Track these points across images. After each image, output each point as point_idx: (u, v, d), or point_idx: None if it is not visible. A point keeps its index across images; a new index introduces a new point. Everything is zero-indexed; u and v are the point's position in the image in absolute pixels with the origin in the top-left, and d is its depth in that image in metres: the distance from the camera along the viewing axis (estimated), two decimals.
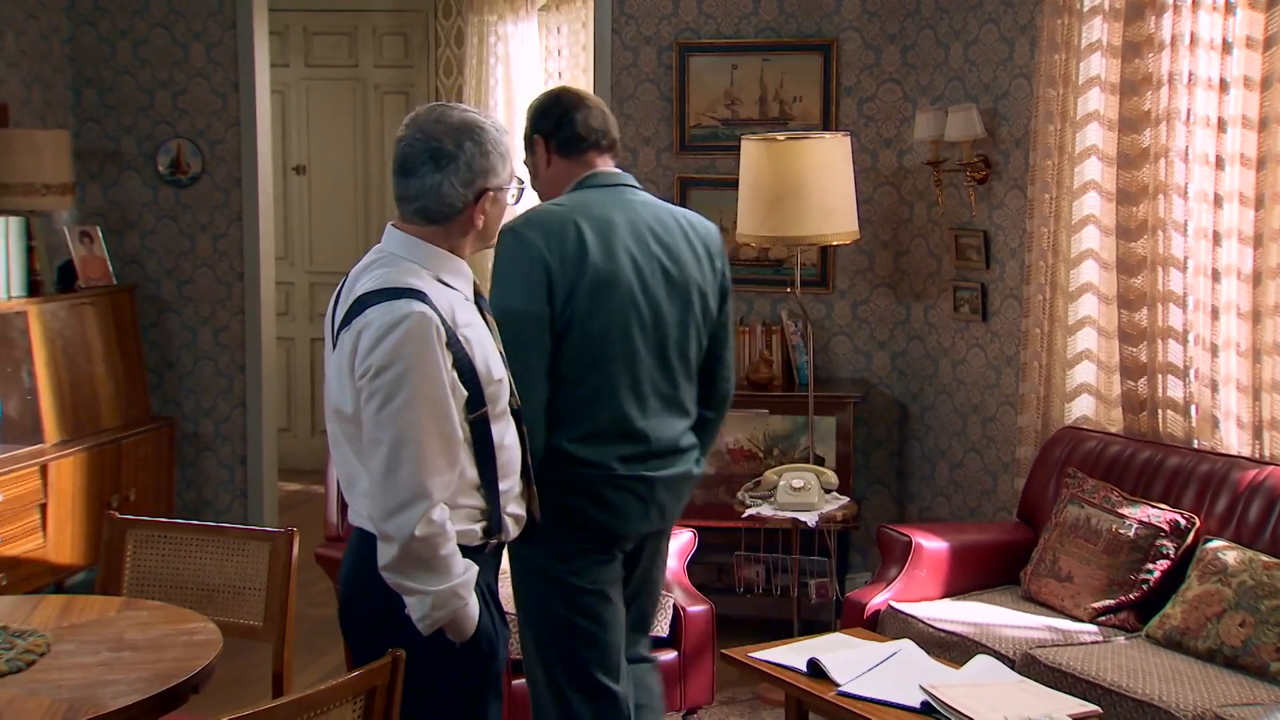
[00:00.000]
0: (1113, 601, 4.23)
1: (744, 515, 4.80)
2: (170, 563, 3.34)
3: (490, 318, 2.73)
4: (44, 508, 4.99)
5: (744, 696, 4.85)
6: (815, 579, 5.20)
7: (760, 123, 5.59)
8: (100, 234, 5.72)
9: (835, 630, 4.34)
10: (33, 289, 5.29)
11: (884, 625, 4.38)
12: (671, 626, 4.35)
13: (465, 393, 2.54)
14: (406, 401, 2.46)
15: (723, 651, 3.99)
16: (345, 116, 7.76)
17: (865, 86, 5.63)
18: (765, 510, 4.76)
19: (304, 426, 7.84)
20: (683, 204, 5.64)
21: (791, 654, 3.75)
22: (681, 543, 4.57)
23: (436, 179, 2.57)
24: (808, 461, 5.08)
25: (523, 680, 4.01)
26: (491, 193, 2.64)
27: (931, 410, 5.59)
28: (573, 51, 6.82)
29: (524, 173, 2.97)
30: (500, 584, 2.77)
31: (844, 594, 4.89)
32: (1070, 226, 4.86)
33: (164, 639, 2.80)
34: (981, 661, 3.73)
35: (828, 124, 5.59)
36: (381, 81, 7.76)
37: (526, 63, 7.14)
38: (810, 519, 4.71)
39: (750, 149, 4.81)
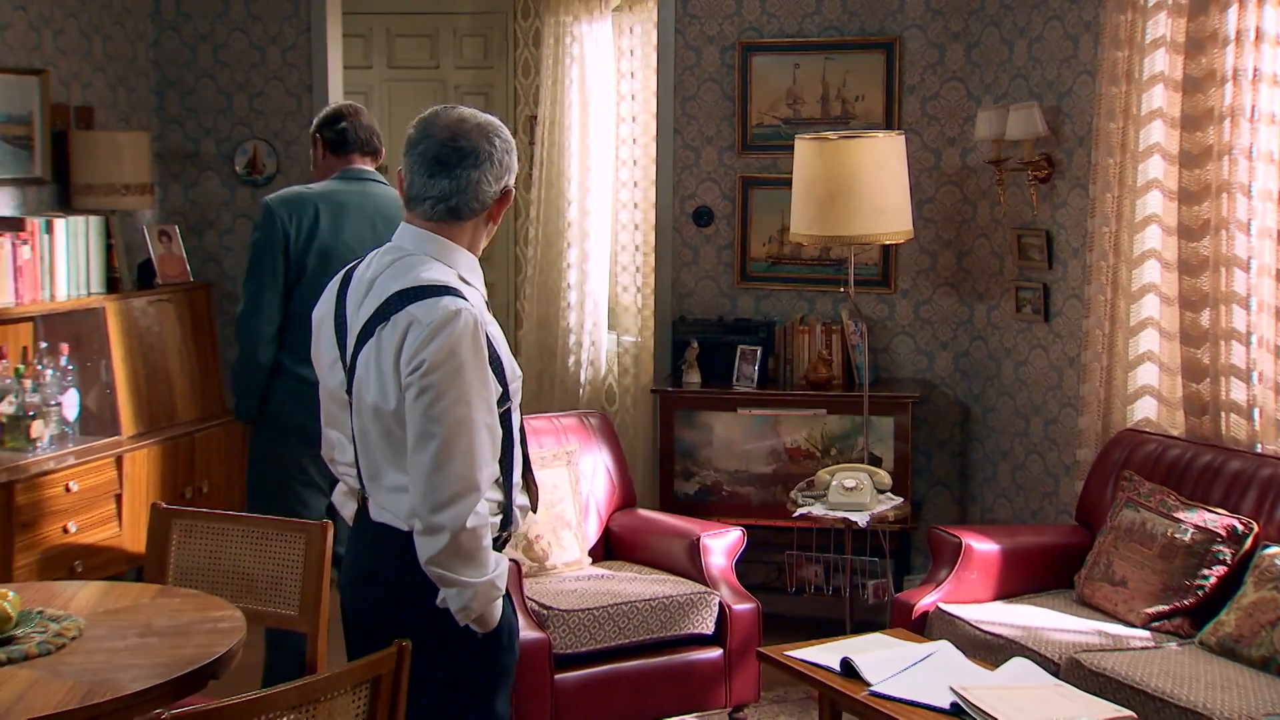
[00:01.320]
0: (1167, 607, 4.17)
1: (795, 515, 4.81)
2: (212, 552, 3.45)
3: (494, 317, 2.81)
4: (119, 498, 5.16)
5: (796, 696, 4.85)
6: (873, 580, 5.19)
7: (822, 122, 5.59)
8: (178, 233, 5.90)
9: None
10: (111, 286, 5.47)
11: (932, 626, 4.36)
12: (717, 624, 4.39)
13: (498, 387, 2.60)
14: (459, 397, 2.52)
15: (759, 650, 4.01)
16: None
17: (929, 85, 5.59)
18: (816, 510, 4.76)
19: None
20: (744, 203, 5.67)
21: (826, 653, 3.77)
22: (730, 541, 4.60)
23: (474, 176, 2.63)
24: (863, 462, 5.07)
25: (568, 674, 4.11)
26: (510, 190, 2.71)
27: (994, 411, 5.54)
28: (645, 51, 6.85)
29: None
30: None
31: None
32: (1132, 226, 4.79)
33: (190, 626, 2.90)
34: (1017, 664, 3.71)
35: (890, 123, 5.56)
36: (462, 82, 7.86)
37: (600, 63, 7.19)
38: (861, 519, 4.71)
39: (803, 148, 4.81)
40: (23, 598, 3.02)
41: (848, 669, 3.65)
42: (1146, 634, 4.14)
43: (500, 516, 2.68)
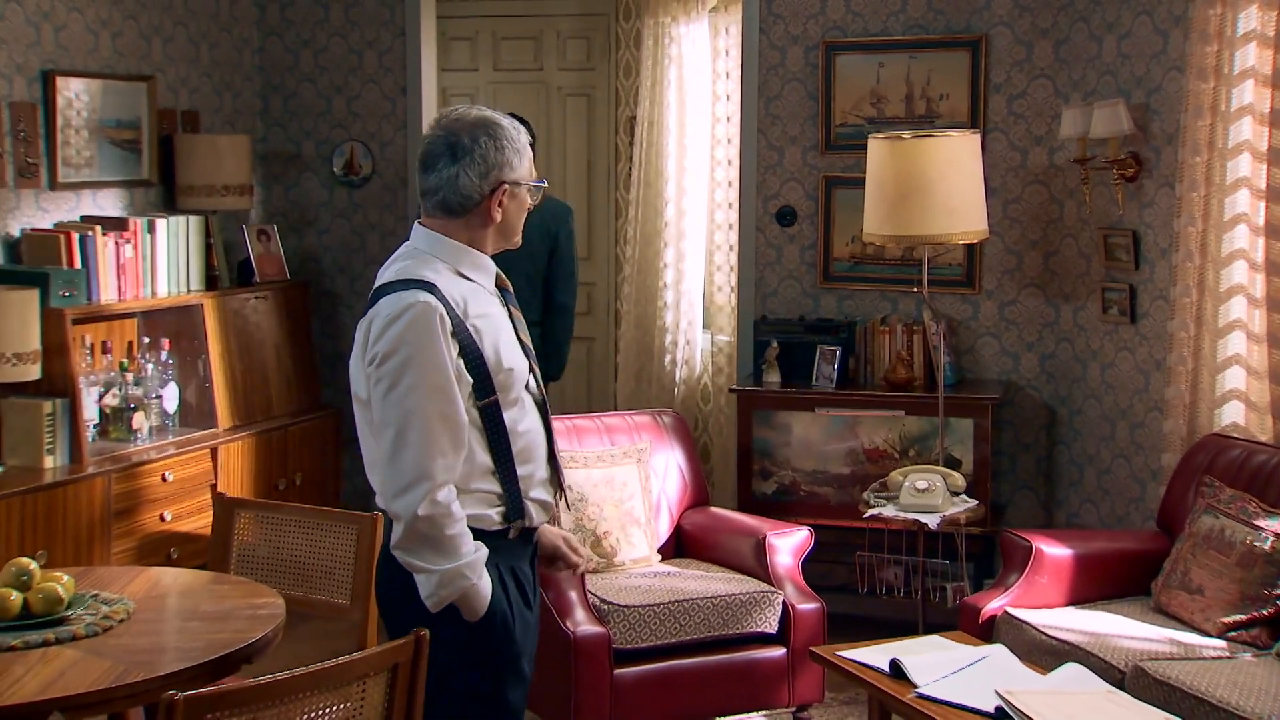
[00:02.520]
0: (1244, 617, 4.07)
1: (865, 515, 4.79)
2: (271, 541, 3.58)
3: (515, 310, 2.86)
4: (214, 488, 5.35)
5: (865, 697, 4.83)
6: (952, 583, 5.15)
7: (906, 121, 5.55)
8: (276, 232, 6.09)
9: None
10: (210, 284, 5.69)
11: (1000, 631, 4.32)
12: (781, 623, 4.40)
13: (470, 379, 2.66)
14: (410, 387, 2.61)
15: (811, 649, 4.02)
16: (529, 119, 7.95)
17: (1015, 83, 5.52)
18: (887, 511, 4.74)
19: None
20: (827, 203, 5.67)
21: (877, 654, 3.76)
22: (797, 540, 4.60)
23: (453, 170, 2.72)
24: (939, 464, 5.03)
25: (628, 669, 4.16)
26: (508, 186, 2.76)
27: (1080, 414, 5.45)
28: (738, 52, 6.87)
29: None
30: None
31: None
32: (1220, 225, 4.67)
33: (232, 611, 3.02)
34: (1070, 670, 3.66)
35: (975, 121, 5.51)
36: (565, 84, 7.96)
37: (697, 64, 7.23)
38: (932, 521, 4.67)
39: (876, 148, 4.79)
40: (87, 581, 3.18)
41: (896, 670, 3.64)
42: (1222, 644, 4.04)
43: (503, 508, 2.74)
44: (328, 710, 2.47)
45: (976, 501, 4.88)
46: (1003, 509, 5.59)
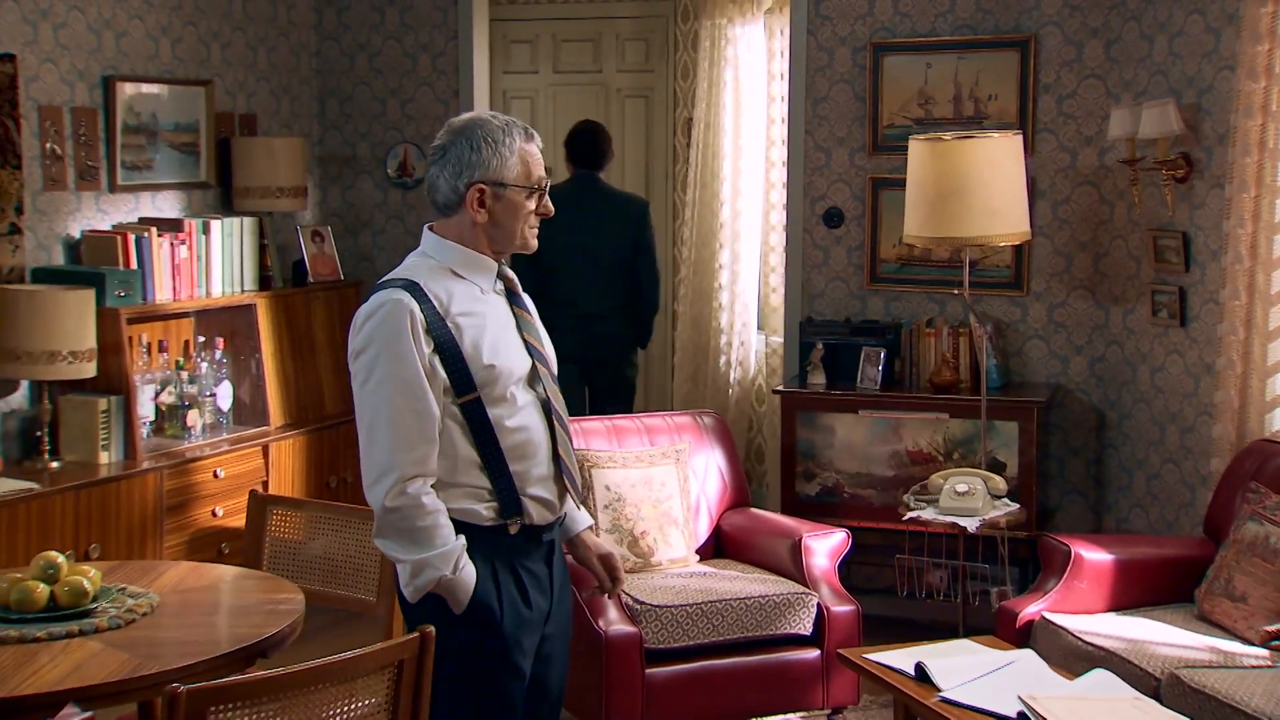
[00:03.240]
0: None
1: (904, 518, 4.78)
2: (302, 538, 3.65)
3: (523, 311, 2.89)
4: (265, 485, 5.46)
5: None
6: (996, 587, 5.11)
7: (954, 122, 5.51)
8: (330, 233, 6.19)
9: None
10: (264, 284, 5.79)
11: (1036, 636, 4.29)
12: (815, 625, 4.39)
13: (444, 375, 2.71)
14: (380, 381, 2.70)
15: (838, 651, 4.01)
16: (587, 118, 8.03)
17: (1065, 83, 5.46)
18: (926, 514, 4.72)
19: None
20: (874, 205, 5.65)
21: (904, 657, 3.75)
22: (833, 542, 4.59)
23: (434, 171, 2.84)
24: (981, 467, 4.99)
25: (659, 669, 4.18)
26: (486, 187, 2.80)
27: (1129, 418, 5.38)
28: None
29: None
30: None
31: None
32: (1271, 227, 4.60)
33: (253, 606, 3.09)
34: (1097, 675, 3.62)
35: (1024, 122, 5.46)
36: (623, 85, 8.00)
37: (753, 65, 7.24)
38: (971, 524, 4.64)
39: (916, 149, 4.77)
40: (119, 575, 3.27)
41: (921, 674, 3.63)
42: (1263, 652, 3.97)
43: (494, 504, 2.78)
44: (333, 706, 2.51)
45: (1018, 505, 4.84)
46: (1052, 513, 5.54)
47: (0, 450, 4.96)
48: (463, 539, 2.74)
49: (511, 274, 2.95)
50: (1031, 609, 4.33)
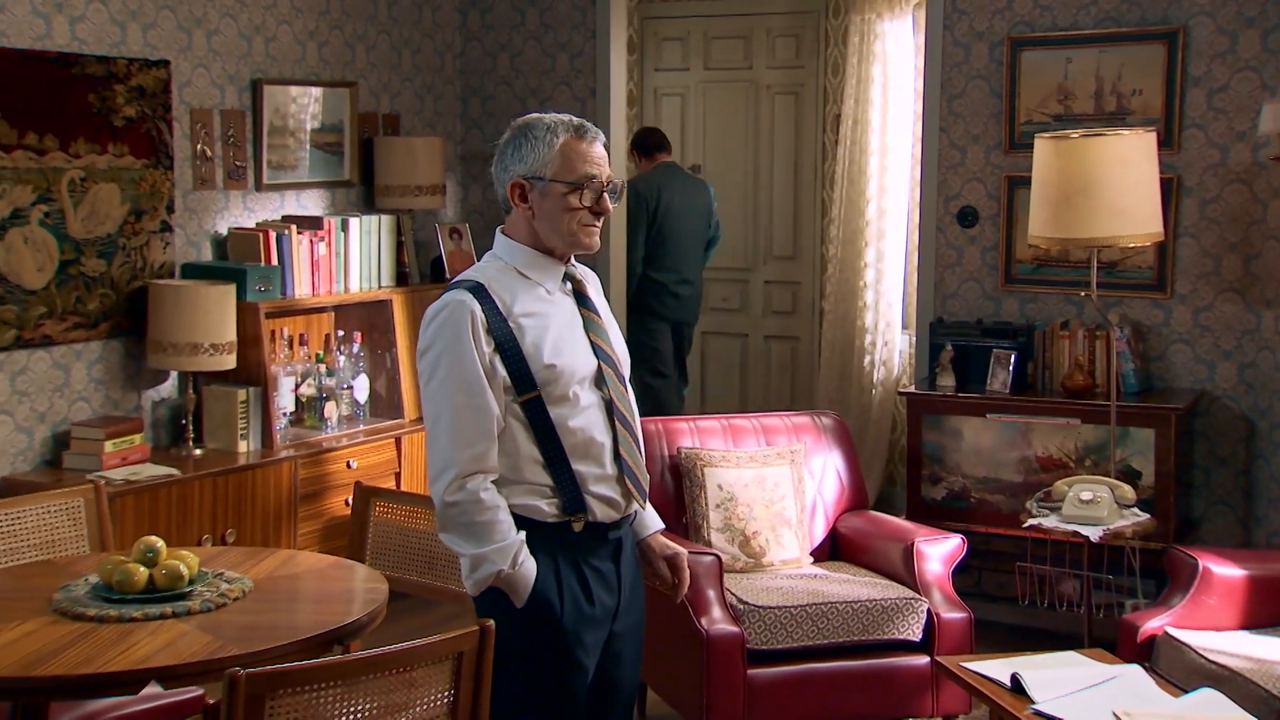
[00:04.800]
0: None
1: (1025, 525, 4.65)
2: (402, 529, 3.74)
3: (592, 313, 2.91)
4: (398, 476, 5.60)
5: None
6: (1131, 599, 4.94)
7: (1095, 118, 5.34)
8: (468, 231, 6.31)
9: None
10: (400, 280, 5.94)
11: (1159, 651, 4.14)
12: (925, 631, 4.32)
13: (504, 373, 2.75)
14: (442, 380, 2.77)
15: (935, 659, 3.93)
16: (738, 117, 8.02)
17: (1216, 76, 5.23)
18: (1048, 522, 4.59)
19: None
20: (1009, 204, 5.52)
21: (1001, 668, 3.65)
22: (948, 548, 4.50)
23: (493, 173, 2.93)
24: (1110, 475, 4.83)
25: (762, 670, 4.16)
26: (525, 182, 2.83)
27: None
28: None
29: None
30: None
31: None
32: None
33: (339, 594, 3.18)
34: (1204, 695, 3.48)
35: (1170, 117, 5.25)
36: (773, 82, 7.96)
37: (901, 60, 7.13)
38: (1094, 534, 4.50)
39: (1041, 148, 4.64)
40: (221, 560, 3.40)
41: (1016, 685, 3.53)
42: None
43: (557, 500, 2.81)
44: (393, 695, 2.57)
45: (1148, 515, 4.67)
46: (1195, 525, 5.32)
47: (151, 436, 5.21)
48: (522, 534, 2.78)
49: (581, 275, 2.98)
50: (1154, 623, 4.18)
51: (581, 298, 2.94)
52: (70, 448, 4.87)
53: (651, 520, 3.07)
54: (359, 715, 2.53)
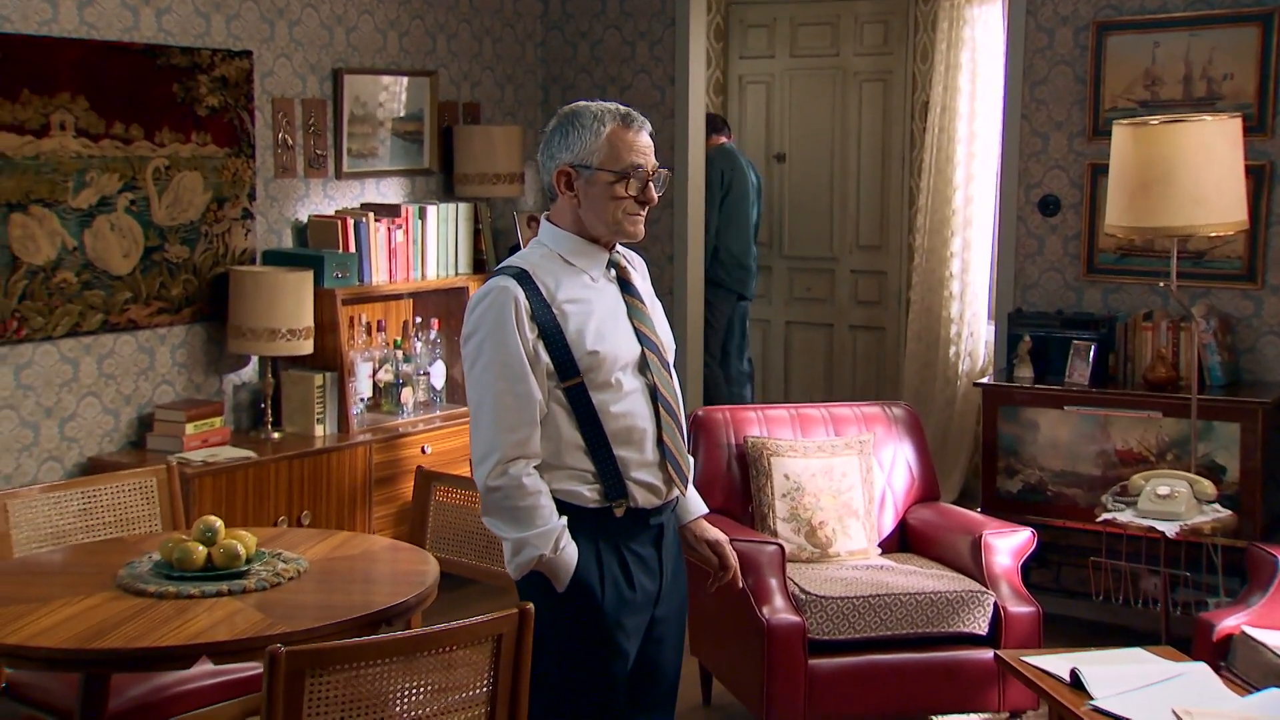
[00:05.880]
0: None
1: (1099, 519, 4.56)
2: (461, 513, 3.77)
3: (636, 300, 2.91)
4: (471, 463, 5.65)
5: None
6: (1214, 598, 4.83)
7: (1183, 104, 5.21)
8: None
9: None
10: (477, 267, 5.99)
11: (1235, 650, 4.03)
12: (992, 625, 4.26)
13: (547, 359, 2.75)
14: (485, 366, 2.78)
15: (996, 653, 3.87)
16: (824, 104, 7.96)
17: None
18: (1123, 516, 4.50)
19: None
20: (1093, 192, 5.42)
21: (1060, 663, 3.59)
22: (1017, 541, 4.43)
23: (539, 161, 2.93)
24: (1190, 469, 4.71)
25: (823, 660, 4.13)
26: (571, 170, 2.83)
27: None
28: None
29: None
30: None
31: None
32: None
33: (390, 576, 3.22)
34: (1269, 695, 3.39)
35: (1264, 102, 5.10)
36: (861, 69, 7.88)
37: (989, 46, 7.02)
38: (1170, 529, 4.40)
39: (1119, 135, 4.53)
40: (281, 541, 3.46)
41: (1076, 680, 3.47)
42: None
43: (599, 486, 2.82)
44: (431, 676, 2.60)
45: (1230, 512, 4.55)
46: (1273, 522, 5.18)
47: (231, 419, 5.32)
48: (564, 519, 2.79)
49: (626, 262, 2.98)
50: (1230, 621, 4.07)
51: (626, 284, 2.94)
52: (154, 430, 4.99)
53: (695, 505, 3.06)
54: (399, 694, 2.57)
